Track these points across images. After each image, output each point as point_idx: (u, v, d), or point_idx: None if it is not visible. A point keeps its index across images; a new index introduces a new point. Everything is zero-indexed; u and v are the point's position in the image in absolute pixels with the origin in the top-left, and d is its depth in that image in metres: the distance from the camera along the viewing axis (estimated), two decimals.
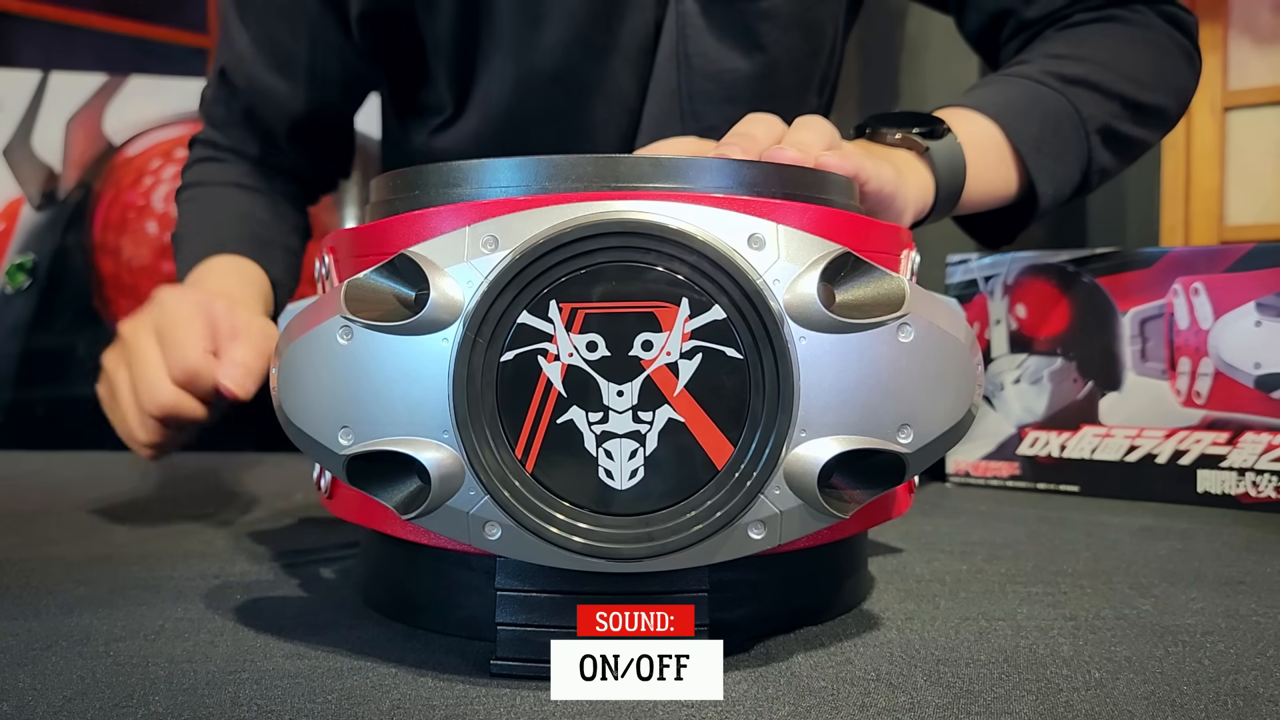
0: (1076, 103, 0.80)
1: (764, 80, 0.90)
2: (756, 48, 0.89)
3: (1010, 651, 0.44)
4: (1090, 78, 0.81)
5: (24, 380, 1.76)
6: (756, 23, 0.88)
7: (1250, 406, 0.78)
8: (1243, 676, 0.41)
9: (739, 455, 0.39)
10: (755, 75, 0.90)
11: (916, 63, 1.80)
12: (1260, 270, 0.77)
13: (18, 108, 1.78)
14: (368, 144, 1.93)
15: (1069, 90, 0.80)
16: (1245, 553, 0.63)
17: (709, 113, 0.90)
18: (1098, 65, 0.82)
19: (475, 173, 0.44)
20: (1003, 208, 0.80)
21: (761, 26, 0.88)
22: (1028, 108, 0.78)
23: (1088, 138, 0.80)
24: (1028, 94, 0.80)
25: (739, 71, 0.89)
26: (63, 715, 0.38)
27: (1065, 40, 0.85)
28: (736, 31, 0.89)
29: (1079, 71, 0.81)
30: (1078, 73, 0.81)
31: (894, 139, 0.71)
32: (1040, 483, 0.86)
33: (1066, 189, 0.81)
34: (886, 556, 0.62)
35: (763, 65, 0.90)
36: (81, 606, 0.52)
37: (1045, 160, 0.78)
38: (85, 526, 0.73)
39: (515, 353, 0.39)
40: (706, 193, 0.42)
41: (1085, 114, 0.80)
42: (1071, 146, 0.80)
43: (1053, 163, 0.79)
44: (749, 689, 0.40)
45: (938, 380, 0.40)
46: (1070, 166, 0.80)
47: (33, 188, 1.78)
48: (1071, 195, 0.83)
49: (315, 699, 0.39)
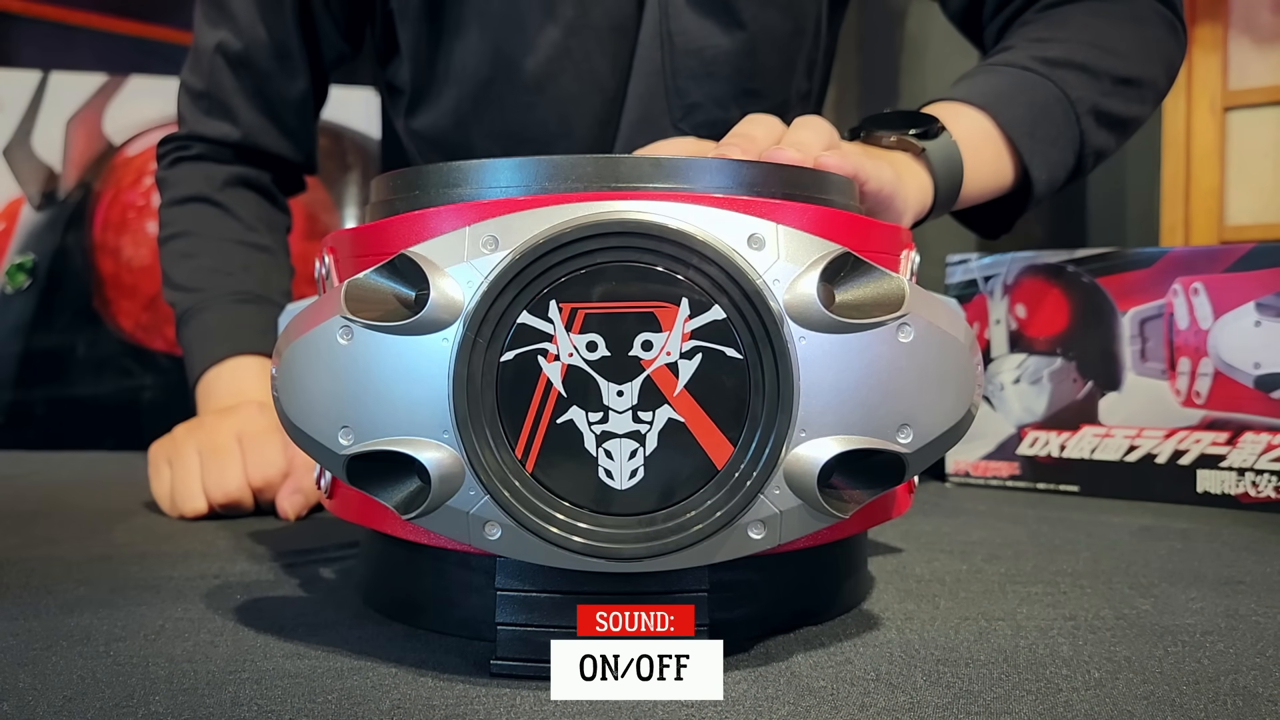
0: (1064, 86, 0.80)
1: (746, 58, 0.91)
2: (736, 24, 0.90)
3: (1010, 651, 0.44)
4: (1075, 58, 0.81)
5: (24, 380, 1.76)
6: None
7: (1250, 406, 0.78)
8: (1242, 676, 0.41)
9: (739, 455, 0.39)
10: (737, 52, 0.90)
11: (916, 63, 1.80)
12: (1260, 270, 0.77)
13: (18, 108, 1.78)
14: (367, 143, 1.93)
15: (1055, 73, 0.80)
16: (1245, 553, 0.63)
17: (692, 89, 0.91)
18: (1081, 45, 0.82)
19: (475, 173, 0.44)
20: (999, 197, 0.80)
21: (740, 3, 0.89)
22: (1016, 95, 0.78)
23: (1079, 119, 0.80)
24: (1015, 82, 0.79)
25: (720, 48, 0.90)
26: (63, 715, 0.38)
27: (1047, 23, 0.85)
28: (716, 8, 0.89)
29: (1063, 53, 0.81)
30: (1062, 54, 0.81)
31: (889, 142, 0.71)
32: (1040, 483, 0.86)
33: (1061, 173, 0.81)
34: (886, 556, 0.62)
35: (744, 42, 0.90)
36: (81, 606, 0.52)
37: (1038, 146, 0.78)
38: (85, 526, 0.73)
39: (515, 353, 0.39)
40: (706, 193, 0.42)
41: (1074, 96, 0.80)
42: (1063, 130, 0.80)
43: (1046, 148, 0.79)
44: (749, 689, 0.40)
45: (938, 380, 0.40)
46: (1064, 150, 0.80)
47: (33, 188, 1.78)
48: (1067, 179, 0.83)
49: (315, 699, 0.39)
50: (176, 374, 1.58)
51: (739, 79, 0.91)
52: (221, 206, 0.92)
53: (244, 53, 0.91)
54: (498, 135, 0.93)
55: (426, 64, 0.93)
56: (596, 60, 0.90)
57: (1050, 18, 0.86)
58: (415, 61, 0.93)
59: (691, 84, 0.90)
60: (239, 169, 0.94)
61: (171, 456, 0.77)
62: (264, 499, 0.76)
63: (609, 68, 0.91)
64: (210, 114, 0.93)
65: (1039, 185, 0.79)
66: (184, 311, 0.89)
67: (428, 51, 0.92)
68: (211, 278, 0.89)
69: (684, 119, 0.92)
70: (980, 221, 0.85)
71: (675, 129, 0.92)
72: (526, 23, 0.89)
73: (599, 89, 0.91)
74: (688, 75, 0.90)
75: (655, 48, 0.90)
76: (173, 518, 0.76)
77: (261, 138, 0.94)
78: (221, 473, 0.75)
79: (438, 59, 0.92)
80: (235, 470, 0.75)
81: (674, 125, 0.92)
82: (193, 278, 0.90)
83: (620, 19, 0.90)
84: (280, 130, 0.94)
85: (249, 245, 0.92)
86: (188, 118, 0.95)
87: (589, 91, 0.91)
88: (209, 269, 0.90)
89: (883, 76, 1.79)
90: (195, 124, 0.94)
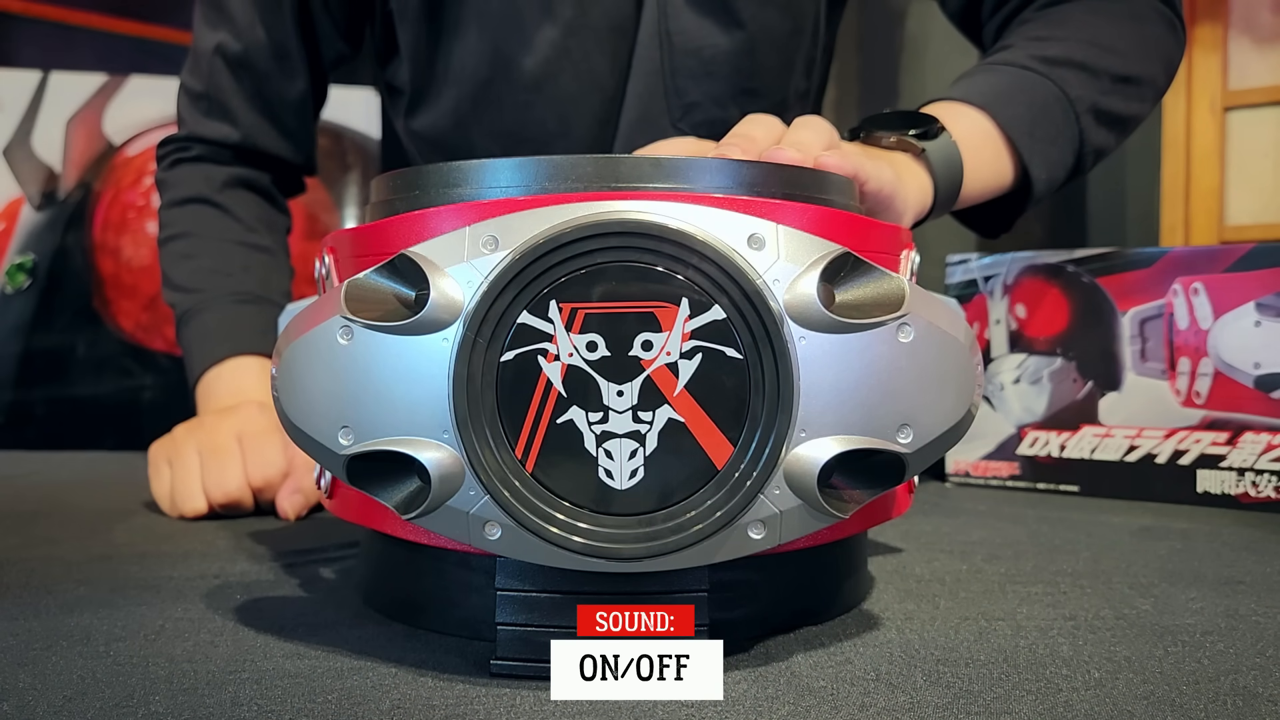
0: (1063, 84, 0.80)
1: (745, 57, 0.91)
2: (735, 24, 0.90)
3: (1010, 651, 0.44)
4: (1075, 57, 0.81)
5: (24, 380, 1.76)
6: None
7: (1250, 406, 0.78)
8: (1242, 676, 0.41)
9: (739, 455, 0.39)
10: (736, 52, 0.90)
11: (916, 62, 1.80)
12: (1260, 270, 0.77)
13: (18, 108, 1.78)
14: (367, 143, 1.93)
15: (1054, 72, 0.80)
16: (1245, 553, 0.63)
17: (691, 88, 0.91)
18: (1080, 43, 0.82)
19: (475, 173, 0.44)
20: (999, 196, 0.80)
21: (739, 2, 0.89)
22: (1015, 95, 0.78)
23: (1078, 119, 0.80)
24: (1015, 81, 0.79)
25: (719, 47, 0.90)
26: (63, 715, 0.38)
27: (1046, 21, 0.85)
28: (715, 8, 0.89)
29: (1062, 52, 0.81)
30: (1061, 53, 0.81)
31: (889, 142, 0.71)
32: (1040, 483, 0.86)
33: (1061, 172, 0.81)
34: (886, 556, 0.62)
35: (743, 41, 0.90)
36: (81, 606, 0.52)
37: (1038, 145, 0.78)
38: (85, 526, 0.73)
39: (515, 353, 0.39)
40: (706, 193, 0.42)
41: (1073, 95, 0.80)
42: (1063, 129, 0.80)
43: (1046, 147, 0.79)
44: (749, 689, 0.40)
45: (938, 380, 0.40)
46: (1064, 149, 0.80)
47: (33, 188, 1.78)
48: (1067, 178, 0.83)
49: (315, 699, 0.39)
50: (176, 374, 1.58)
51: (738, 78, 0.91)
52: (221, 208, 0.92)
53: (243, 54, 0.91)
54: (497, 135, 0.94)
55: (426, 64, 0.93)
56: (595, 60, 0.90)
57: (1049, 16, 0.86)
58: (414, 62, 0.93)
59: (690, 83, 0.91)
60: (239, 170, 0.94)
61: (171, 456, 0.77)
62: (264, 499, 0.76)
63: (608, 67, 0.91)
64: (209, 115, 0.93)
65: (1039, 184, 0.79)
66: (184, 312, 0.89)
67: (427, 52, 0.92)
68: (211, 278, 0.89)
69: (683, 118, 0.92)
70: (980, 221, 0.85)
71: (674, 128, 0.92)
72: (525, 23, 0.89)
73: (598, 88, 0.91)
74: (686, 75, 0.90)
75: (654, 47, 0.90)
76: (173, 518, 0.76)
77: (261, 139, 0.94)
78: (221, 473, 0.75)
79: (437, 59, 0.92)
80: (235, 470, 0.75)
81: (673, 125, 0.92)
82: (193, 278, 0.90)
83: (619, 19, 0.90)
84: (280, 131, 0.94)
85: (249, 246, 0.92)
86: (187, 119, 0.95)
87: (588, 91, 0.91)
88: (209, 270, 0.90)
89: (883, 76, 1.79)
90: (195, 125, 0.94)
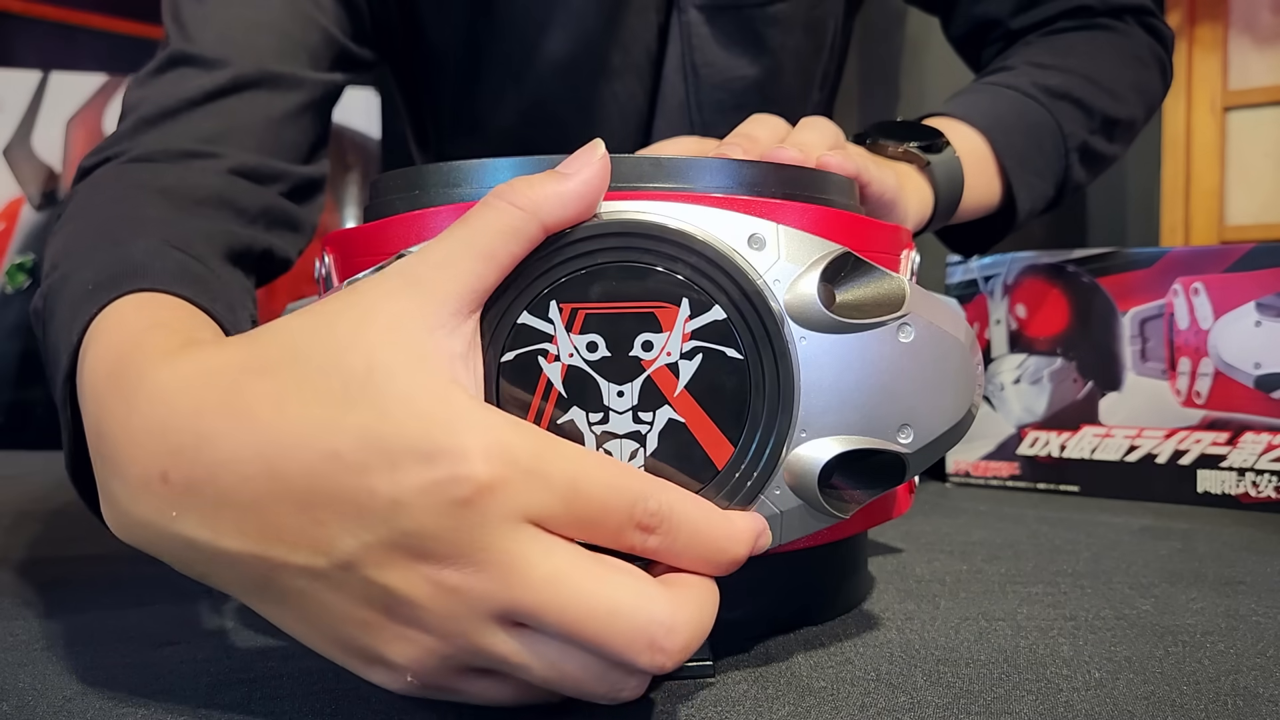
0: (1060, 119, 0.80)
1: (769, 84, 0.90)
2: (764, 52, 0.89)
3: (1010, 651, 0.44)
4: (1074, 92, 0.82)
5: (24, 380, 1.76)
6: (765, 28, 0.88)
7: (1250, 406, 0.78)
8: (1243, 676, 0.41)
9: (739, 456, 0.39)
10: (761, 79, 0.89)
11: (916, 63, 1.80)
12: (1260, 270, 0.77)
13: (18, 108, 1.78)
14: (367, 143, 1.93)
15: (1054, 105, 0.81)
16: (1245, 553, 0.63)
17: (718, 121, 0.89)
18: (1081, 79, 0.83)
19: (475, 173, 0.43)
20: (979, 219, 0.81)
21: (769, 31, 0.88)
22: (1015, 122, 0.79)
23: (1067, 155, 0.81)
24: (1015, 107, 0.80)
25: (747, 78, 0.89)
26: (63, 715, 0.38)
27: (1050, 48, 0.85)
28: (745, 39, 0.88)
29: (1063, 84, 0.82)
30: (1062, 85, 0.81)
31: (895, 152, 0.71)
32: (1040, 483, 0.86)
33: (1041, 204, 0.82)
34: (886, 556, 0.62)
35: (768, 69, 0.89)
36: (82, 606, 0.52)
37: (1028, 176, 0.79)
38: (85, 527, 0.73)
39: (515, 353, 0.39)
40: (706, 193, 0.42)
41: (1067, 131, 0.81)
42: (1051, 163, 0.81)
43: (1033, 179, 0.80)
44: (749, 689, 0.40)
45: (938, 380, 0.40)
46: (1048, 182, 0.81)
47: (33, 188, 1.78)
48: (1044, 209, 0.84)
49: (315, 699, 0.39)
50: None
51: (761, 105, 0.90)
52: None
53: None
54: None
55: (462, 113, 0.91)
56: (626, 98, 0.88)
57: (1054, 44, 0.86)
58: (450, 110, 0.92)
59: (717, 116, 0.89)
60: None
61: None
62: None
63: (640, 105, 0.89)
64: None
65: (1021, 213, 0.80)
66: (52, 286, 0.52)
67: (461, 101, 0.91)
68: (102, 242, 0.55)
69: None
70: (955, 238, 0.86)
71: None
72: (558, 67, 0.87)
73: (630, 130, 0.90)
74: (714, 109, 0.89)
75: (679, 81, 0.89)
76: None
77: None
78: None
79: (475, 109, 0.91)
80: None
81: None
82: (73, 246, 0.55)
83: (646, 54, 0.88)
84: None
85: None
86: None
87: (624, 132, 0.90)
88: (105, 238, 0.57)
89: (883, 76, 1.79)
90: None
